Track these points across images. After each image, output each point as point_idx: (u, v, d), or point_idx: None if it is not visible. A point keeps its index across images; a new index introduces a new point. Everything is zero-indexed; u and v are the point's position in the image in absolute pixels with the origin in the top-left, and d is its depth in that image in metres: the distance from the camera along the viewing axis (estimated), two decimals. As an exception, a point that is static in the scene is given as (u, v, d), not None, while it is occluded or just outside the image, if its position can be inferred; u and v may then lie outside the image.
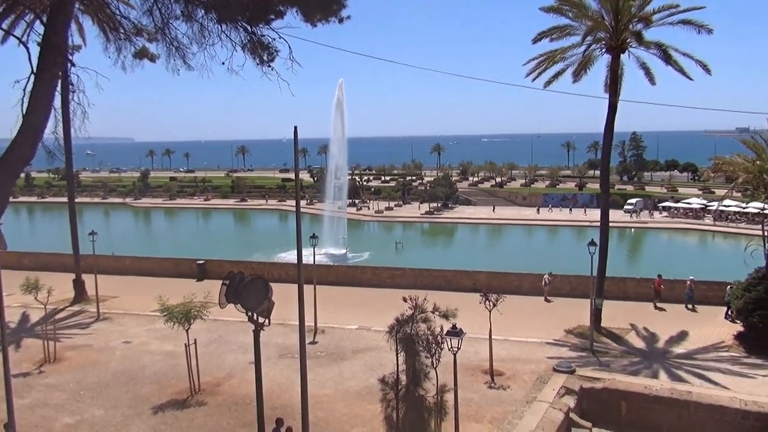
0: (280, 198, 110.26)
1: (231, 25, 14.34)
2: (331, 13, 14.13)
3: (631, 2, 28.44)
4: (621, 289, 34.67)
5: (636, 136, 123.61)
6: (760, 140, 29.54)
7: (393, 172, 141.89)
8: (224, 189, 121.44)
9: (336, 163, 68.74)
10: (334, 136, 65.96)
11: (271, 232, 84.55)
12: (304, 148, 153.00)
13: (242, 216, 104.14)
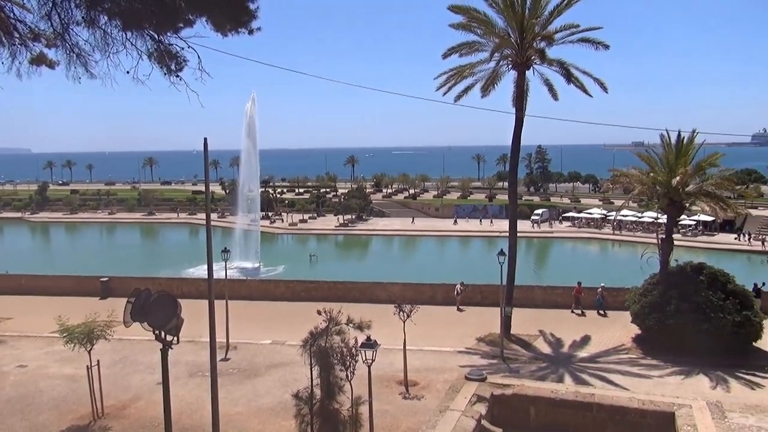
0: (191, 211, 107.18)
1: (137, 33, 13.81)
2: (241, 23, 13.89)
3: (534, 21, 29.70)
4: (529, 297, 35.89)
5: (541, 149, 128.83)
6: (653, 154, 31.50)
7: (307, 184, 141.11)
8: (130, 202, 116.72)
9: (248, 176, 67.59)
10: (245, 148, 64.89)
11: (181, 246, 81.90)
12: (216, 159, 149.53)
13: (150, 230, 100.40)
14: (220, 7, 13.76)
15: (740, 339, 26.68)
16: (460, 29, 30.50)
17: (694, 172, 29.90)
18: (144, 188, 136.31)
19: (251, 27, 14.09)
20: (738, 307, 26.54)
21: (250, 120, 62.88)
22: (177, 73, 14.35)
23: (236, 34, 14.18)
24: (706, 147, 31.91)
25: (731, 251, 67.41)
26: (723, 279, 27.91)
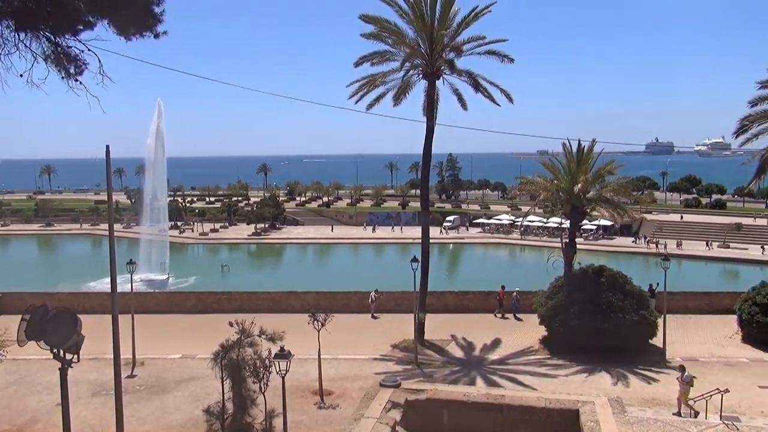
0: (94, 222, 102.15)
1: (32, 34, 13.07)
2: (145, 27, 13.40)
3: (443, 32, 30.40)
4: (442, 302, 36.56)
5: (452, 157, 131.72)
6: (557, 162, 32.91)
7: (218, 192, 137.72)
8: (26, 213, 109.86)
9: (155, 184, 65.24)
10: (152, 156, 62.62)
11: (82, 259, 77.84)
12: (120, 168, 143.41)
13: (48, 242, 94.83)
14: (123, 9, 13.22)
15: (638, 337, 28.28)
16: (372, 39, 30.80)
17: (594, 179, 31.47)
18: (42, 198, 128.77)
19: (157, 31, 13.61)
20: (635, 307, 28.11)
21: (157, 126, 60.82)
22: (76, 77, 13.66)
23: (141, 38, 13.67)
24: (604, 155, 33.73)
25: (629, 254, 71.34)
26: (622, 280, 29.49)
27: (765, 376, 25.40)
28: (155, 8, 13.29)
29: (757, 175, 32.67)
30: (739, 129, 32.79)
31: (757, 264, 63.09)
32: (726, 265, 66.73)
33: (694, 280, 51.37)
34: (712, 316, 34.74)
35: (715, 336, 31.53)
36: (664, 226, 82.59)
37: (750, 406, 21.98)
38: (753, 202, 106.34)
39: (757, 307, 29.48)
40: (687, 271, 61.76)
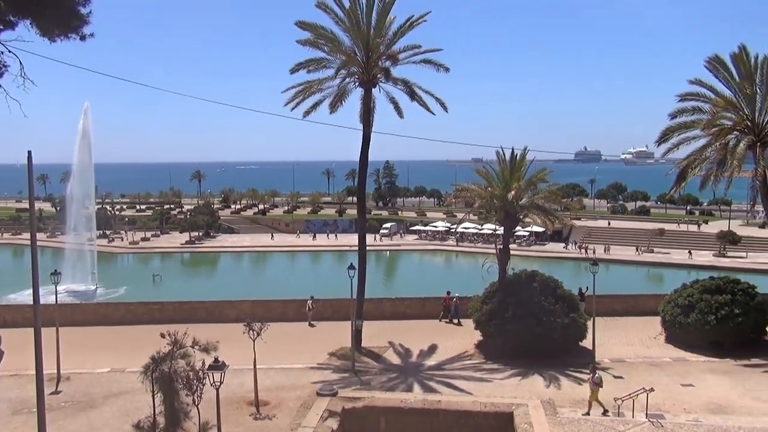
0: (15, 231, 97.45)
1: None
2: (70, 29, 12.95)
3: (379, 40, 30.59)
4: (379, 309, 36.64)
5: (389, 164, 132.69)
6: (491, 170, 33.59)
7: (150, 200, 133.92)
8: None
9: (82, 191, 62.75)
10: (78, 162, 60.28)
11: (2, 270, 74.08)
12: (44, 174, 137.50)
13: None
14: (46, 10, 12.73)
15: (568, 339, 29.13)
16: (308, 46, 30.71)
17: (527, 186, 32.28)
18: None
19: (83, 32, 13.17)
20: (566, 311, 28.98)
21: (84, 131, 58.60)
22: (-6, 79, 13.07)
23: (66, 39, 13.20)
24: (536, 163, 34.64)
25: (560, 259, 73.46)
26: (553, 285, 30.35)
27: (687, 375, 26.58)
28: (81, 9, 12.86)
29: (678, 183, 34.35)
30: (661, 139, 34.45)
31: (679, 267, 66.05)
32: (650, 268, 69.65)
33: (621, 284, 53.31)
34: (638, 317, 36.13)
35: (641, 337, 32.80)
36: (593, 231, 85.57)
37: (673, 404, 22.96)
38: (674, 208, 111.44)
39: (679, 308, 30.84)
40: (614, 275, 64.08)
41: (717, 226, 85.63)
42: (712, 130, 32.29)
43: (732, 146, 31.54)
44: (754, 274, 55.24)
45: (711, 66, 32.38)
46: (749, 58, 31.23)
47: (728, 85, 32.13)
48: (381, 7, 30.52)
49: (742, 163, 31.15)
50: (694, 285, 31.86)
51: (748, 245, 72.44)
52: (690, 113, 33.14)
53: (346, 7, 30.25)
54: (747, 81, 31.23)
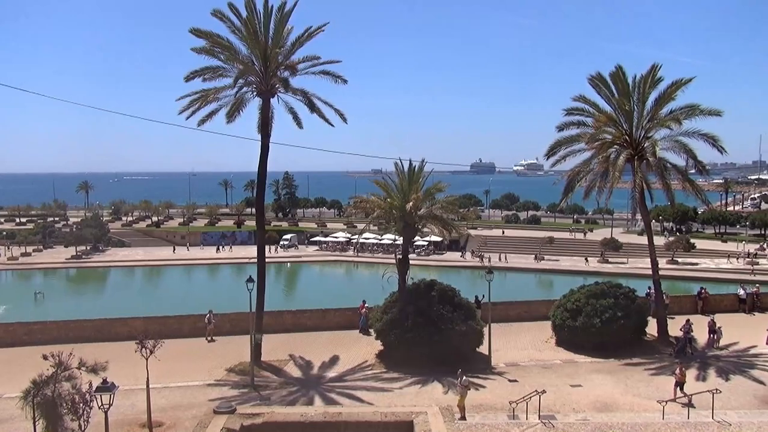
0: None
1: None
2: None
3: (278, 50, 30.33)
4: (279, 322, 36.14)
5: (288, 175, 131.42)
6: (390, 181, 34.04)
7: (31, 212, 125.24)
8: None
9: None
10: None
11: None
12: None
13: None
14: None
15: (466, 346, 29.91)
16: (203, 53, 29.98)
17: (425, 197, 32.96)
18: None
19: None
20: (464, 318, 29.78)
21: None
22: None
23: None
24: (434, 175, 35.48)
25: (458, 267, 75.38)
26: (451, 293, 31.13)
27: (575, 376, 27.98)
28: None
29: (566, 193, 36.29)
30: (550, 152, 36.33)
31: (568, 273, 69.55)
32: (542, 275, 72.90)
33: (516, 291, 55.46)
34: (531, 323, 37.74)
35: (534, 341, 34.23)
36: (488, 240, 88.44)
37: (564, 404, 24.08)
38: (563, 217, 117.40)
39: (567, 312, 32.48)
40: (509, 282, 66.53)
41: (601, 234, 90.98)
42: (595, 144, 34.44)
43: (613, 159, 33.71)
44: (634, 278, 59.07)
45: (593, 83, 34.52)
46: (626, 77, 33.57)
47: (609, 102, 34.39)
48: (279, 17, 30.35)
49: (621, 174, 33.34)
50: (581, 290, 33.69)
51: (629, 251, 77.33)
52: (575, 127, 35.21)
53: (243, 16, 29.84)
54: (625, 98, 33.53)
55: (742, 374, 27.86)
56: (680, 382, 24.70)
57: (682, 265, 72.47)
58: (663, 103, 33.31)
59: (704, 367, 28.96)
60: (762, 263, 71.24)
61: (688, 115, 32.51)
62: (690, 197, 36.56)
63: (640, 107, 33.81)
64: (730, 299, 43.08)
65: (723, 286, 55.26)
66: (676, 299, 42.01)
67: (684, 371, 25.21)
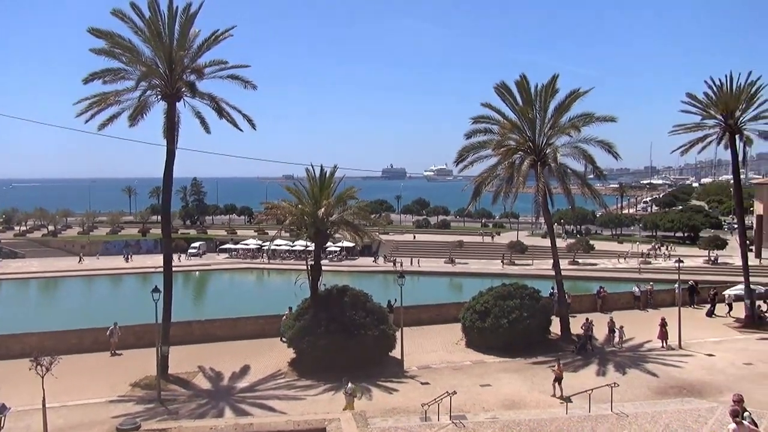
0: None
1: None
2: None
3: (183, 53, 29.46)
4: (188, 333, 35.06)
5: (197, 181, 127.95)
6: (301, 187, 33.83)
7: None
8: None
9: None
10: None
11: None
12: None
13: None
14: None
15: (379, 351, 30.12)
16: (103, 55, 28.69)
17: (336, 203, 32.99)
18: None
19: None
20: (376, 323, 29.98)
21: None
22: None
23: None
24: (346, 180, 35.58)
25: (370, 273, 75.79)
26: (363, 299, 31.28)
27: (485, 376, 28.75)
28: None
29: (474, 198, 37.34)
30: (458, 158, 37.28)
31: (477, 276, 71.36)
32: (453, 278, 74.50)
33: (428, 294, 56.38)
34: (442, 325, 38.46)
35: (445, 343, 34.90)
36: (400, 245, 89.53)
37: (474, 404, 24.68)
38: (471, 221, 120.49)
39: (476, 314, 33.36)
40: (421, 286, 67.63)
41: (508, 237, 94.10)
42: (501, 150, 35.65)
43: (518, 165, 35.08)
44: (538, 279, 61.33)
45: (499, 91, 35.78)
46: (529, 86, 35.01)
47: (514, 110, 35.73)
48: (184, 18, 29.53)
49: (526, 179, 34.71)
50: (489, 292, 34.71)
51: (534, 254, 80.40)
52: (483, 134, 36.35)
53: (146, 16, 28.84)
54: (528, 106, 34.96)
55: (637, 368, 29.55)
56: (558, 378, 25.80)
57: (583, 265, 76.10)
58: (563, 111, 34.97)
59: (603, 363, 30.51)
60: (654, 263, 75.98)
61: (586, 122, 34.29)
62: (589, 201, 38.55)
63: (542, 115, 35.35)
64: (626, 297, 45.67)
65: (620, 284, 58.44)
66: (577, 298, 44.05)
67: (561, 367, 26.27)
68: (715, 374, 28.36)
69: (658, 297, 45.32)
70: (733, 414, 14.13)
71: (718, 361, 30.42)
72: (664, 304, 43.72)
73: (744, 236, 42.35)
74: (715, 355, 31.58)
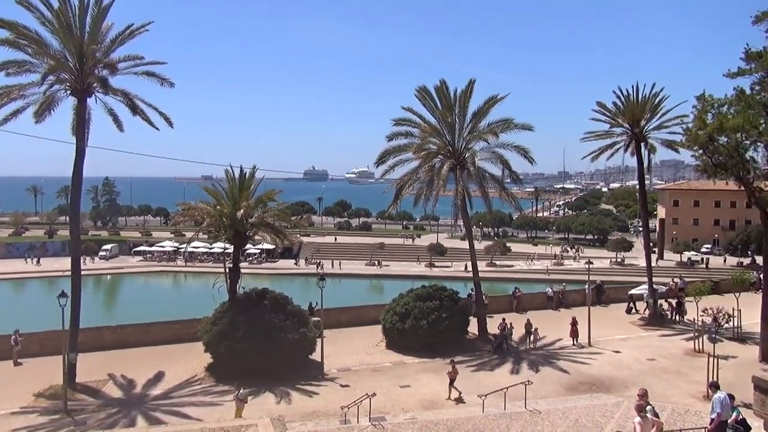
0: None
1: None
2: None
3: (95, 47, 28.23)
4: (98, 340, 33.60)
5: (109, 181, 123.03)
6: (220, 188, 33.09)
7: None
8: None
9: None
10: None
11: None
12: None
13: None
14: None
15: (299, 354, 29.82)
16: (7, 45, 27.08)
17: (256, 204, 32.50)
18: None
19: None
20: (296, 326, 29.68)
21: None
22: None
23: None
24: (266, 182, 35.12)
25: (291, 275, 75.10)
26: (283, 301, 30.91)
27: (404, 377, 29.00)
28: None
29: (395, 201, 37.68)
30: (379, 160, 37.55)
31: (398, 278, 72.04)
32: (373, 280, 74.93)
33: (349, 296, 56.43)
34: (363, 327, 38.54)
35: (365, 345, 34.98)
36: (321, 247, 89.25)
37: (393, 405, 24.84)
38: (392, 223, 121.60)
39: (397, 316, 33.63)
40: (343, 288, 67.62)
41: (428, 239, 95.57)
42: (422, 154, 36.16)
43: (437, 168, 35.67)
44: (458, 280, 62.67)
45: (420, 96, 36.30)
46: (449, 91, 35.68)
47: (434, 114, 36.31)
48: (96, 11, 28.30)
49: (446, 183, 35.34)
50: (409, 293, 35.09)
51: (453, 255, 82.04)
52: (404, 137, 36.77)
53: (54, 7, 27.46)
54: (448, 111, 35.62)
55: (550, 366, 30.62)
56: (452, 379, 26.15)
57: (500, 267, 78.33)
58: (481, 116, 35.85)
59: (518, 362, 31.44)
60: (567, 264, 79.11)
61: (504, 128, 35.28)
62: (505, 204, 39.68)
63: (462, 120, 36.13)
64: (540, 298, 47.30)
65: (534, 285, 60.47)
66: (494, 299, 45.22)
67: (456, 369, 26.60)
68: (622, 370, 29.77)
69: (569, 297, 47.14)
70: (639, 408, 14.87)
71: (624, 358, 31.96)
72: (575, 304, 45.48)
73: (648, 239, 44.71)
74: (622, 351, 33.15)
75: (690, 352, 32.56)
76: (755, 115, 27.31)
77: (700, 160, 30.16)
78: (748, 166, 28.85)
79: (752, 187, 29.51)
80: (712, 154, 28.90)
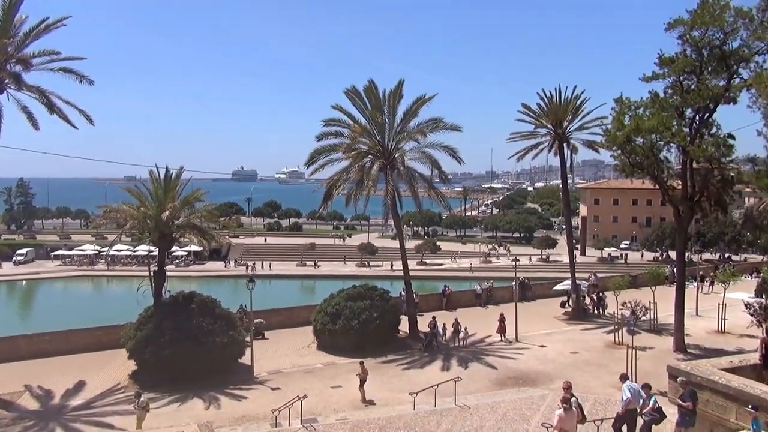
0: None
1: None
2: None
3: (7, 41, 26.79)
4: (12, 349, 31.93)
5: (23, 182, 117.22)
6: (144, 189, 32.04)
7: None
8: None
9: None
10: None
11: None
12: None
13: None
14: None
15: (228, 358, 29.25)
16: None
17: (182, 205, 31.63)
18: None
19: None
20: (225, 329, 29.09)
21: None
22: None
23: None
24: (193, 182, 34.29)
25: (220, 277, 73.67)
26: (211, 305, 30.24)
27: (335, 378, 28.91)
28: None
29: (325, 201, 37.52)
30: (309, 160, 37.31)
31: (329, 278, 71.81)
32: (304, 281, 74.41)
33: (280, 298, 55.79)
34: (294, 329, 38.17)
35: (296, 347, 34.66)
36: (251, 248, 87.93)
37: (325, 407, 24.72)
38: (323, 223, 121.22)
39: (328, 316, 33.50)
40: (273, 289, 66.80)
41: (359, 239, 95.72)
42: (352, 154, 36.15)
43: (368, 168, 35.73)
44: (389, 279, 63.17)
45: (349, 96, 36.28)
46: (378, 91, 35.84)
47: (364, 114, 36.38)
48: (8, 3, 26.82)
49: (376, 183, 35.47)
50: (340, 294, 35.02)
51: (384, 255, 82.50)
52: (334, 137, 36.68)
53: (-40, -2, 25.86)
54: (377, 111, 35.75)
55: (479, 362, 31.25)
56: (362, 380, 26.14)
57: (430, 265, 79.40)
58: (410, 117, 36.18)
59: (448, 359, 31.91)
60: (496, 261, 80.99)
61: (433, 128, 35.72)
62: (435, 203, 40.22)
63: (391, 120, 36.35)
64: (469, 295, 48.17)
65: (463, 283, 61.59)
66: (424, 298, 45.71)
67: (366, 370, 26.45)
68: (547, 363, 30.71)
69: (497, 294, 48.22)
70: (564, 401, 15.40)
71: (549, 352, 32.98)
72: (503, 301, 46.48)
73: (571, 236, 46.35)
74: (547, 346, 34.20)
75: (611, 344, 33.95)
76: (668, 117, 28.86)
77: (619, 159, 31.54)
78: (662, 165, 30.44)
79: (666, 185, 31.13)
80: (630, 155, 30.28)
